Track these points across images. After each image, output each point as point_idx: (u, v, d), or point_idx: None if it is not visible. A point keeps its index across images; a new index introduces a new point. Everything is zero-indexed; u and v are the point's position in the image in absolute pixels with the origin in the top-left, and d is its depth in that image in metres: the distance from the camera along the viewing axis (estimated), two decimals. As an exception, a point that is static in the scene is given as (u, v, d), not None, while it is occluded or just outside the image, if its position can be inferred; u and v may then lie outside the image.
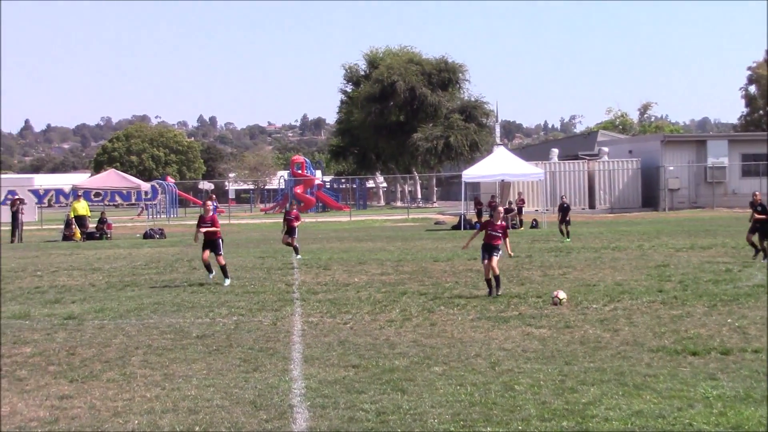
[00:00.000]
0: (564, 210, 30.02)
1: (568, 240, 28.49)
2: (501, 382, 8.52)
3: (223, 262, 17.80)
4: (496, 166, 41.06)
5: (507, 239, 15.26)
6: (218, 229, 18.08)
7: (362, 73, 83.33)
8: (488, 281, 14.99)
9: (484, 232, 15.24)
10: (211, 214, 18.19)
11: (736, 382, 8.38)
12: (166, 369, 9.52)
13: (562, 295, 13.96)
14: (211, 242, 17.89)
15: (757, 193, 22.04)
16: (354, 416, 7.42)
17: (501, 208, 15.99)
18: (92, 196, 43.09)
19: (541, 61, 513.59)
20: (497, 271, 14.88)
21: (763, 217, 20.18)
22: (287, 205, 26.40)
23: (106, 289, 17.42)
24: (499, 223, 15.19)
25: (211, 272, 18.02)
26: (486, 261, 14.88)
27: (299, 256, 23.52)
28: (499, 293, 14.78)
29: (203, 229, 17.91)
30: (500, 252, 15.08)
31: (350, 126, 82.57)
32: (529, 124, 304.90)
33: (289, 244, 24.19)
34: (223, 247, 18.14)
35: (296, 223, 24.38)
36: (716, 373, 8.76)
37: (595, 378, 8.63)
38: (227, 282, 17.51)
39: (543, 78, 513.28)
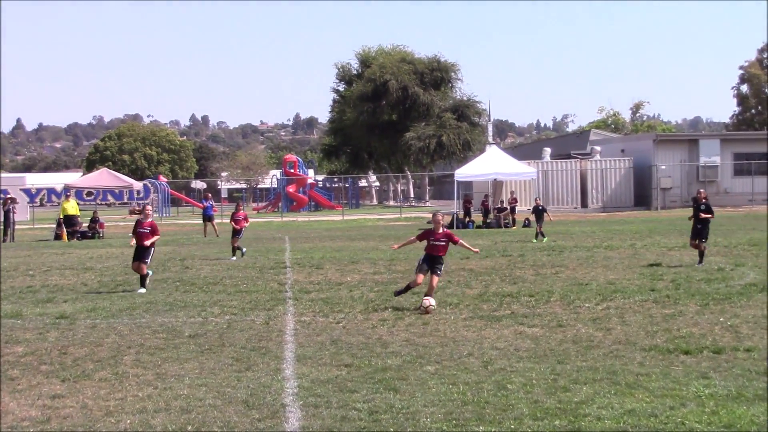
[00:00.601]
0: (538, 212, 29.78)
1: (535, 241, 27.87)
2: (493, 381, 8.53)
3: (144, 272, 16.63)
4: (488, 165, 41.13)
5: (463, 241, 14.12)
6: (156, 237, 16.91)
7: (355, 72, 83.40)
8: (409, 286, 13.92)
9: (426, 242, 13.89)
10: (149, 219, 17.08)
11: (728, 380, 8.39)
12: (158, 368, 9.49)
13: (427, 303, 13.04)
14: (142, 250, 16.70)
15: (701, 190, 20.51)
16: (346, 415, 7.41)
17: (440, 216, 14.19)
18: (84, 195, 42.93)
19: (534, 60, 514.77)
20: (434, 290, 13.69)
21: (708, 216, 19.22)
22: (236, 205, 25.72)
23: (98, 288, 17.37)
24: (440, 231, 13.84)
25: (144, 286, 16.62)
26: (421, 274, 13.68)
27: (234, 258, 23.19)
28: (425, 305, 13.36)
29: (145, 240, 16.65)
30: (443, 267, 14.03)
31: (343, 125, 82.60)
32: (522, 123, 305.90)
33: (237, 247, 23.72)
34: (151, 257, 17.06)
35: (245, 224, 24.14)
36: (708, 372, 8.77)
37: (588, 377, 8.64)
38: (142, 291, 16.29)
39: (535, 77, 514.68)
